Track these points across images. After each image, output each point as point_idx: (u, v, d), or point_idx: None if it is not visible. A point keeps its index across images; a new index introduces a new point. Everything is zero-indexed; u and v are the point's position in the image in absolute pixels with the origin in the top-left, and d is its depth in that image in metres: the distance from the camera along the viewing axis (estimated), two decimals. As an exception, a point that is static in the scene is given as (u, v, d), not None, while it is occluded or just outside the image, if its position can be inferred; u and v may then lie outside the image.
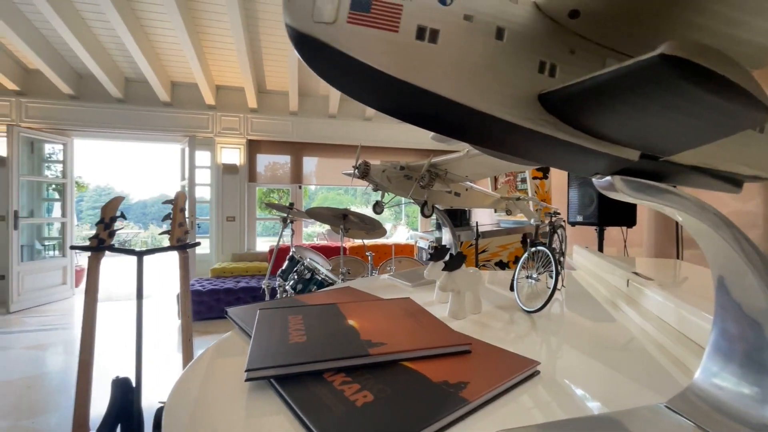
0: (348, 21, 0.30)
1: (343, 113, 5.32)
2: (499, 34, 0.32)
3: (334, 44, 0.31)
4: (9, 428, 1.99)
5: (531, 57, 0.33)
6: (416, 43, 0.31)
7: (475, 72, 0.32)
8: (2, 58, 4.15)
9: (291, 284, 2.15)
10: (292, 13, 0.31)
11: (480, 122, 0.33)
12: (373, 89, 0.34)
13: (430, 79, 0.31)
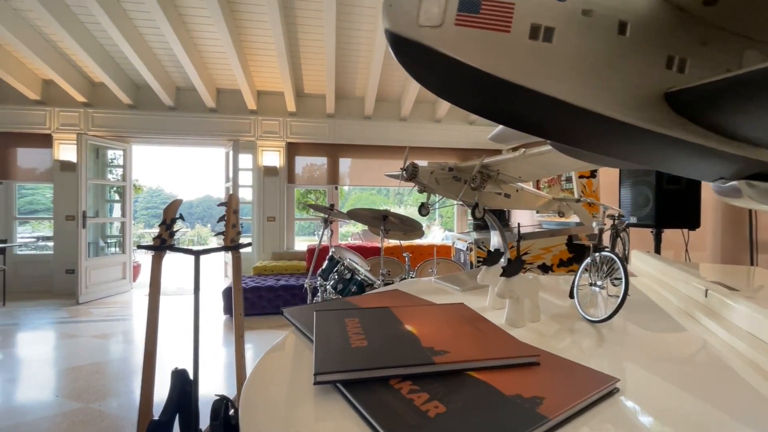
0: (456, 23, 0.29)
1: (378, 114, 5.35)
2: (622, 29, 0.30)
3: (440, 48, 0.29)
4: (81, 410, 2.19)
5: (657, 52, 0.30)
6: (529, 43, 0.29)
7: (594, 71, 0.29)
8: (73, 74, 4.59)
9: (331, 284, 2.19)
10: (394, 17, 0.30)
11: (595, 126, 0.31)
12: (479, 93, 0.32)
13: (544, 81, 0.29)
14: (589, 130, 0.33)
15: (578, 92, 0.29)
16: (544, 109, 0.31)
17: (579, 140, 0.36)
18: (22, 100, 4.80)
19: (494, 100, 0.32)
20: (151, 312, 1.24)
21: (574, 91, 0.29)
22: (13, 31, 3.71)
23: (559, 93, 0.29)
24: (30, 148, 4.96)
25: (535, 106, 0.31)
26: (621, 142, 0.35)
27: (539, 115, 0.33)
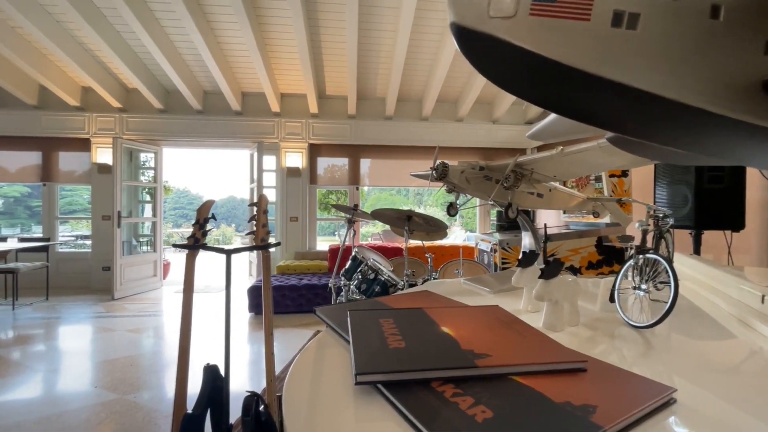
0: (530, 13, 0.27)
1: (399, 115, 5.34)
2: (714, 12, 0.27)
3: (514, 40, 0.28)
4: (117, 400, 2.30)
5: (755, 36, 0.28)
6: (612, 32, 0.27)
7: (683, 60, 0.27)
8: (109, 81, 4.83)
9: (355, 284, 2.20)
10: (461, 9, 0.29)
11: (682, 118, 0.29)
12: (554, 86, 0.31)
13: (628, 72, 0.27)
14: (675, 123, 0.31)
15: (665, 83, 0.27)
16: (626, 102, 0.29)
17: (659, 134, 0.34)
18: (64, 107, 5.09)
19: (570, 93, 0.31)
20: (185, 308, 1.28)
21: (661, 81, 0.27)
22: (55, 41, 3.94)
23: (644, 84, 0.27)
24: (70, 152, 5.25)
25: (617, 99, 0.29)
26: (709, 135, 0.32)
27: (620, 108, 0.31)
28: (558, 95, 0.32)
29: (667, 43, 0.27)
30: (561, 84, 0.30)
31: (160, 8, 3.76)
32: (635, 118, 0.32)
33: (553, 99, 0.33)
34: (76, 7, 3.50)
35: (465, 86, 4.99)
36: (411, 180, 5.54)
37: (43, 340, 3.36)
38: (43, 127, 5.08)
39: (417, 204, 16.67)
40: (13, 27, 4.04)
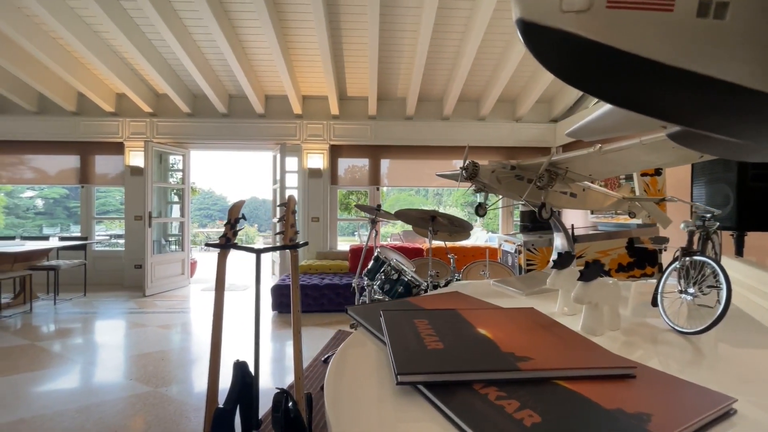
0: (608, 5, 0.26)
1: (420, 114, 5.32)
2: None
3: (590, 35, 0.27)
4: (151, 393, 2.39)
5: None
6: (697, 22, 0.26)
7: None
8: (141, 87, 5.05)
9: (378, 284, 2.20)
10: (529, 4, 0.28)
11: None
12: (633, 82, 0.30)
13: (713, 63, 0.26)
14: (761, 115, 0.29)
15: (754, 73, 0.26)
16: (709, 95, 0.28)
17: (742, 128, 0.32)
18: (100, 113, 5.36)
19: (648, 87, 0.29)
20: (217, 306, 1.32)
21: (749, 72, 0.26)
22: (93, 50, 4.15)
23: (731, 76, 0.26)
24: (105, 156, 5.52)
25: (700, 92, 0.28)
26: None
27: (701, 101, 0.30)
28: (634, 90, 0.31)
29: (757, 33, 0.25)
30: (639, 78, 0.28)
31: (189, 16, 3.89)
32: (718, 112, 0.30)
33: (628, 94, 0.31)
34: (112, 17, 3.68)
35: (487, 85, 4.92)
36: (432, 180, 5.51)
37: (81, 334, 3.55)
38: (81, 132, 5.36)
39: (437, 204, 16.55)
40: (55, 38, 4.28)
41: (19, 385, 2.49)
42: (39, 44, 4.07)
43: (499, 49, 4.29)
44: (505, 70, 4.28)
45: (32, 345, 3.22)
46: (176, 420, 2.09)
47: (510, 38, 4.05)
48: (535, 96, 4.82)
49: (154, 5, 3.48)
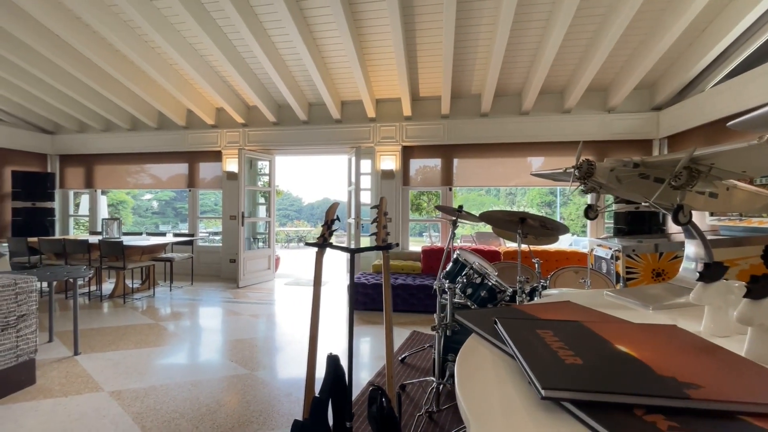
0: None
1: (496, 111, 5.09)
2: None
3: None
4: (248, 375, 2.66)
5: None
6: None
7: None
8: (235, 101, 5.67)
9: (460, 287, 2.15)
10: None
11: None
12: None
13: None
14: None
15: None
16: None
17: None
18: (203, 126, 6.15)
19: None
20: (315, 300, 1.41)
21: None
22: (198, 71, 4.77)
23: None
24: (207, 163, 6.31)
25: None
26: None
27: None
28: None
29: None
30: None
31: (277, 33, 4.25)
32: None
33: None
34: (214, 40, 4.17)
35: (574, 74, 4.50)
36: (508, 179, 5.23)
37: (189, 317, 4.09)
38: (188, 143, 6.21)
39: (509, 204, 15.69)
40: (171, 64, 5.03)
41: (148, 357, 2.96)
42: (158, 68, 4.81)
43: (588, 34, 3.90)
44: (596, 56, 3.87)
45: (156, 324, 3.81)
46: (270, 402, 2.29)
47: (602, 20, 3.65)
48: (633, 82, 4.27)
49: (248, 24, 3.86)
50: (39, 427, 2.00)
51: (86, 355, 2.95)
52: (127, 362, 2.84)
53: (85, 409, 2.18)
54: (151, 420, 2.08)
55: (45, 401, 2.25)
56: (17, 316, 2.32)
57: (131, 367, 2.76)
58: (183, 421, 2.08)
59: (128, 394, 2.36)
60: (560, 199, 13.85)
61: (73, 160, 6.89)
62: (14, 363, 2.32)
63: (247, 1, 3.78)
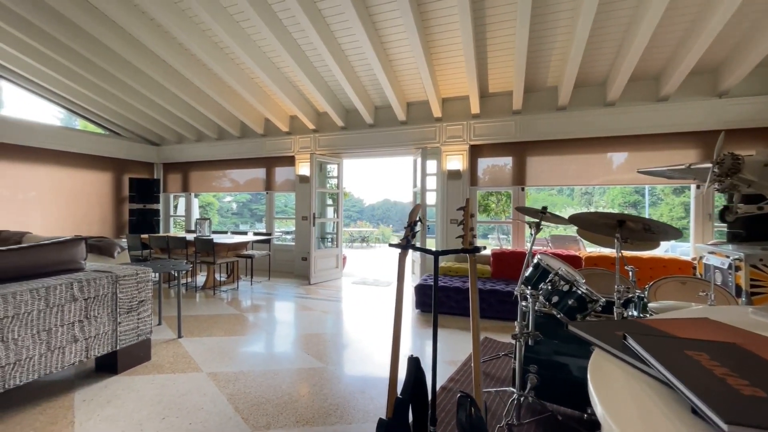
0: None
1: (575, 103, 4.68)
2: None
3: None
4: (323, 369, 2.78)
5: None
6: None
7: None
8: (307, 108, 6.01)
9: (543, 294, 2.00)
10: None
11: None
12: None
13: None
14: None
15: None
16: None
17: None
18: (278, 133, 6.63)
19: None
20: (398, 301, 1.42)
21: None
22: (275, 81, 5.15)
23: None
24: (281, 167, 6.79)
25: None
26: None
27: None
28: None
29: None
30: None
31: (348, 41, 4.41)
32: None
33: None
34: (289, 51, 4.46)
35: (674, 55, 3.94)
36: (588, 177, 4.77)
37: (267, 311, 4.42)
38: (266, 150, 6.74)
39: (585, 204, 14.34)
40: (252, 78, 5.51)
41: (235, 344, 3.26)
42: (241, 82, 5.30)
43: (694, 8, 3.38)
44: (705, 32, 3.33)
45: (240, 315, 4.19)
46: (346, 397, 2.36)
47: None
48: (752, 62, 3.61)
49: (318, 32, 4.04)
50: (156, 397, 2.31)
51: (187, 339, 3.35)
52: (219, 347, 3.16)
53: (189, 386, 2.46)
54: (242, 402, 2.28)
55: (159, 376, 2.60)
56: (138, 301, 2.71)
57: (222, 352, 3.07)
58: (269, 406, 2.24)
59: (222, 376, 2.62)
60: (649, 198, 12.21)
61: (173, 168, 7.92)
62: (135, 341, 2.71)
63: (319, 11, 3.98)
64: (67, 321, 2.27)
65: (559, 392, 2.03)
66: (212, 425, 2.04)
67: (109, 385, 2.47)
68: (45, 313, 2.16)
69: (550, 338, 2.26)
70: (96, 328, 2.44)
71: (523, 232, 5.06)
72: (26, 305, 2.07)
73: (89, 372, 2.65)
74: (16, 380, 2.04)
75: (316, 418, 2.12)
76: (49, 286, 2.19)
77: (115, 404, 2.23)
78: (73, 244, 2.57)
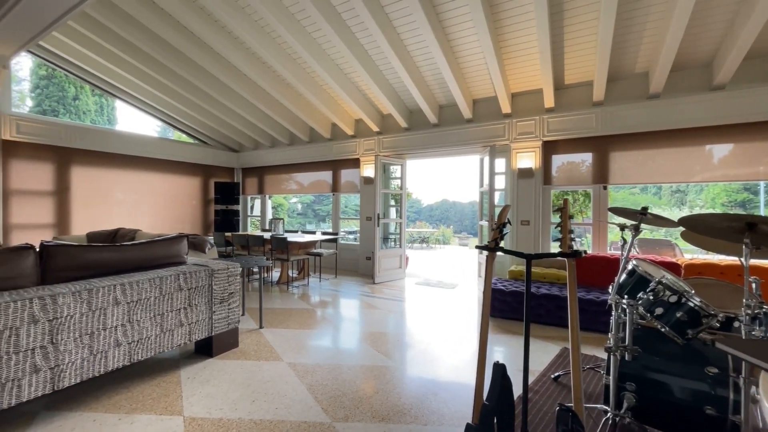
0: None
1: (671, 89, 4.14)
2: None
3: None
4: (395, 368, 2.81)
5: None
6: None
7: None
8: (371, 111, 6.15)
9: (643, 305, 1.80)
10: None
11: None
12: None
13: None
14: None
15: None
16: None
17: None
18: (344, 136, 6.89)
19: None
20: (485, 306, 1.37)
21: None
22: (342, 86, 5.35)
23: None
24: (346, 169, 7.03)
25: None
26: None
27: None
28: None
29: None
30: None
31: (413, 41, 4.42)
32: None
33: None
34: (356, 55, 4.60)
35: (806, 26, 3.29)
36: (687, 174, 4.18)
37: (334, 307, 4.60)
38: (333, 153, 7.04)
39: (677, 204, 12.61)
40: (321, 85, 5.79)
41: (309, 337, 3.45)
42: (310, 89, 5.59)
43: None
44: None
45: (311, 309, 4.42)
46: (419, 398, 2.36)
47: None
48: None
49: (384, 34, 4.09)
50: (245, 381, 2.53)
51: (267, 330, 3.62)
52: (294, 339, 3.37)
53: (273, 374, 2.66)
54: (320, 393, 2.40)
55: (246, 362, 2.85)
56: (228, 293, 3.00)
57: (298, 344, 3.26)
58: (345, 399, 2.33)
59: (300, 367, 2.79)
60: (765, 197, 10.21)
61: (250, 172, 8.66)
62: (226, 329, 3.00)
63: (386, 14, 4.04)
64: (175, 307, 2.59)
65: (661, 415, 1.80)
66: (295, 412, 2.17)
67: (207, 366, 2.76)
68: (159, 300, 2.49)
69: (649, 353, 2.02)
70: (196, 315, 2.75)
71: (605, 235, 4.60)
72: (146, 292, 2.41)
73: (190, 354, 3.00)
74: (139, 355, 2.38)
75: (391, 416, 2.15)
76: (163, 276, 2.52)
77: (212, 384, 2.49)
78: (179, 240, 2.93)
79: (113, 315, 2.23)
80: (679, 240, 4.05)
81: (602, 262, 4.06)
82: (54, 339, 1.98)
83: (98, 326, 2.16)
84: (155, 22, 4.53)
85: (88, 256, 2.31)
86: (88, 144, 6.23)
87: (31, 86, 15.31)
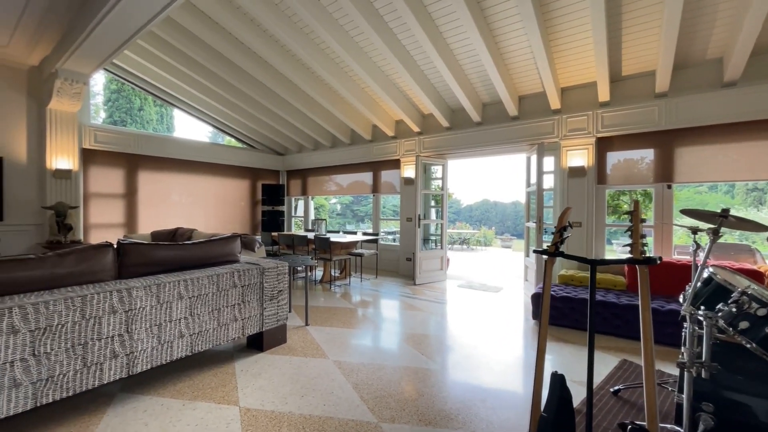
0: None
1: (752, 76, 3.70)
2: None
3: None
4: (439, 371, 2.77)
5: None
6: None
7: None
8: (412, 111, 6.12)
9: (724, 318, 1.62)
10: None
11: None
12: None
13: None
14: None
15: None
16: None
17: None
18: (384, 138, 6.93)
19: None
20: (544, 312, 1.31)
21: None
22: (383, 88, 5.38)
23: None
24: (387, 170, 7.07)
25: None
26: None
27: None
28: None
29: None
30: None
31: (456, 39, 4.34)
32: None
33: None
34: (397, 55, 4.60)
35: None
36: (751, 173, 3.71)
37: (376, 307, 4.62)
38: (373, 155, 7.11)
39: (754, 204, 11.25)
40: (362, 87, 5.87)
41: (352, 336, 3.50)
42: (352, 92, 5.68)
43: None
44: None
45: (353, 308, 4.49)
46: (466, 404, 2.30)
47: None
48: None
49: (426, 33, 4.05)
50: (294, 376, 2.63)
51: (313, 327, 3.73)
52: (339, 337, 3.44)
53: (319, 370, 2.73)
54: (366, 392, 2.43)
55: (294, 358, 2.95)
56: (278, 290, 3.13)
57: (343, 342, 3.32)
58: (391, 400, 2.33)
59: (345, 365, 2.83)
60: None
61: (294, 174, 8.99)
62: (275, 325, 3.14)
63: (428, 12, 4.00)
64: (230, 303, 2.75)
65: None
66: (343, 409, 2.21)
67: (258, 360, 2.90)
68: (216, 296, 2.66)
69: (730, 371, 1.83)
70: (248, 311, 2.89)
71: (670, 238, 4.21)
72: (205, 288, 2.58)
73: (242, 347, 3.17)
74: (199, 347, 2.55)
75: (438, 420, 2.12)
76: (219, 274, 2.69)
77: (264, 377, 2.61)
78: (233, 239, 3.11)
79: (177, 308, 2.42)
80: (760, 244, 3.59)
81: (668, 268, 3.72)
82: (129, 328, 2.18)
83: (165, 318, 2.35)
84: (208, 34, 4.85)
85: (156, 253, 2.52)
86: (151, 150, 6.81)
87: (104, 99, 17.08)
